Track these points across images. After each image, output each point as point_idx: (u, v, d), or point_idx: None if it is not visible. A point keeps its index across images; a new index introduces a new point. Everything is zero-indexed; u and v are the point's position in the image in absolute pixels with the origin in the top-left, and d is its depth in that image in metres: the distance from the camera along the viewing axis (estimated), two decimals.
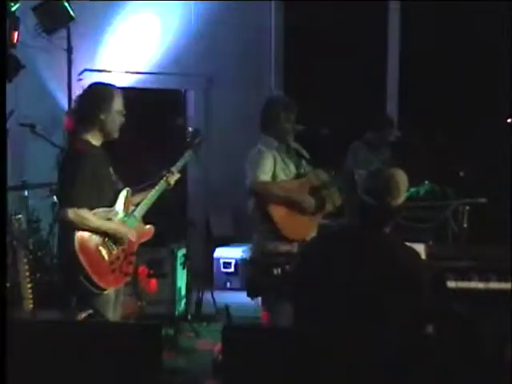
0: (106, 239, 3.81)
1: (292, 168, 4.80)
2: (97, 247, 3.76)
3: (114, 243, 3.85)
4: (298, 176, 4.82)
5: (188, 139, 4.52)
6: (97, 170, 3.81)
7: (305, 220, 4.68)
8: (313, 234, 4.72)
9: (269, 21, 7.92)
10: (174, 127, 7.56)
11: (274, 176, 4.68)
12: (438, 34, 7.19)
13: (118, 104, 3.90)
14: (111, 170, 3.98)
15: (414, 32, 7.43)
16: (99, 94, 3.90)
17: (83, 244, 3.71)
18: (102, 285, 3.76)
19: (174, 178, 4.25)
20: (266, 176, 4.61)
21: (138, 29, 7.49)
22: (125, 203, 3.96)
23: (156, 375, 2.47)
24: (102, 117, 3.84)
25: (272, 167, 4.66)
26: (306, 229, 4.67)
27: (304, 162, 4.88)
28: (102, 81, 4.30)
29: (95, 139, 3.88)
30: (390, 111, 7.60)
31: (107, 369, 2.47)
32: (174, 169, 4.26)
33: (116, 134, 3.94)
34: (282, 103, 4.84)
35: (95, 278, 3.72)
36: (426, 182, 5.28)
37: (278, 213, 4.57)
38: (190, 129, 4.64)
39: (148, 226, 4.14)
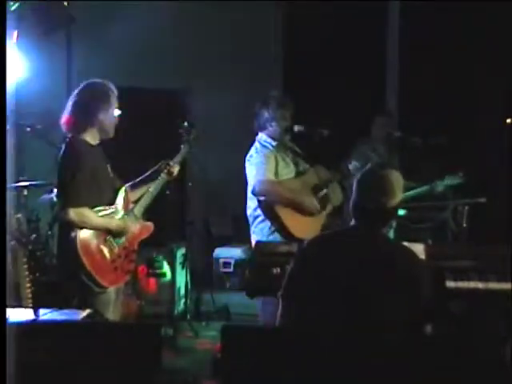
0: (108, 237, 3.81)
1: (292, 167, 4.82)
2: (98, 246, 3.76)
3: (116, 241, 3.85)
4: (298, 173, 4.84)
5: (183, 134, 4.49)
6: (95, 169, 3.81)
7: (309, 220, 4.71)
8: (318, 232, 4.75)
9: (269, 21, 7.91)
10: (174, 128, 7.55)
11: (276, 175, 4.69)
12: (437, 34, 7.19)
13: (115, 104, 3.90)
14: (109, 168, 3.98)
15: (414, 32, 7.43)
16: (97, 93, 3.88)
17: (85, 243, 3.72)
18: (104, 283, 3.77)
19: (175, 169, 4.23)
20: (271, 176, 4.63)
21: (137, 29, 7.48)
22: (124, 201, 3.96)
23: (155, 375, 2.47)
24: (101, 116, 3.83)
25: (274, 165, 4.68)
26: (312, 228, 4.69)
27: (300, 160, 4.89)
28: (100, 80, 4.25)
29: (92, 138, 3.88)
30: (390, 111, 7.60)
31: (107, 369, 2.47)
32: (171, 162, 4.24)
33: (112, 133, 3.94)
34: (277, 102, 4.84)
35: (98, 277, 3.72)
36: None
37: (285, 213, 4.60)
38: (186, 123, 4.59)
39: (148, 223, 4.13)
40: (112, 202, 3.91)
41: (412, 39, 7.46)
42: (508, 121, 5.87)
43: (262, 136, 4.80)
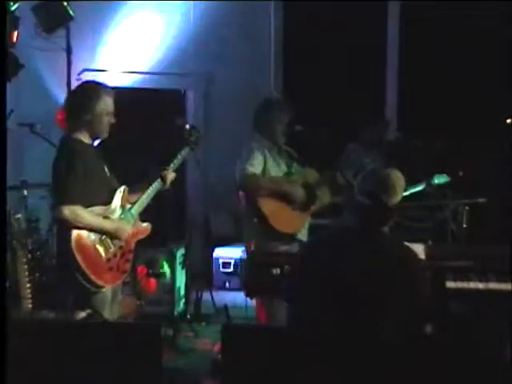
0: (103, 237, 3.80)
1: (283, 167, 4.86)
2: (94, 245, 3.76)
3: (111, 240, 3.84)
4: (289, 174, 4.86)
5: (185, 136, 4.51)
6: (89, 167, 3.79)
7: (294, 214, 4.73)
8: (302, 229, 4.79)
9: (269, 21, 7.91)
10: (174, 127, 7.54)
11: (265, 173, 4.72)
12: (437, 34, 7.19)
13: (105, 104, 3.86)
14: (105, 168, 3.97)
15: (414, 32, 7.43)
16: (86, 93, 3.88)
17: (80, 242, 3.71)
18: (99, 283, 3.76)
19: (170, 177, 4.23)
20: (254, 169, 4.64)
21: (137, 29, 7.49)
22: (121, 201, 3.95)
23: (155, 375, 2.47)
24: (88, 117, 3.82)
25: (262, 163, 4.71)
26: (296, 223, 4.73)
27: (295, 164, 4.91)
28: (95, 80, 4.23)
29: (85, 137, 3.88)
30: (390, 111, 7.60)
31: (107, 369, 2.47)
32: (170, 167, 4.24)
33: (104, 135, 3.93)
34: (276, 105, 4.88)
35: (92, 276, 3.71)
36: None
37: (268, 205, 4.61)
38: (188, 126, 4.62)
39: (145, 224, 4.13)
40: (109, 202, 3.90)
41: (412, 39, 7.45)
42: (508, 121, 5.87)
43: (257, 136, 4.82)
